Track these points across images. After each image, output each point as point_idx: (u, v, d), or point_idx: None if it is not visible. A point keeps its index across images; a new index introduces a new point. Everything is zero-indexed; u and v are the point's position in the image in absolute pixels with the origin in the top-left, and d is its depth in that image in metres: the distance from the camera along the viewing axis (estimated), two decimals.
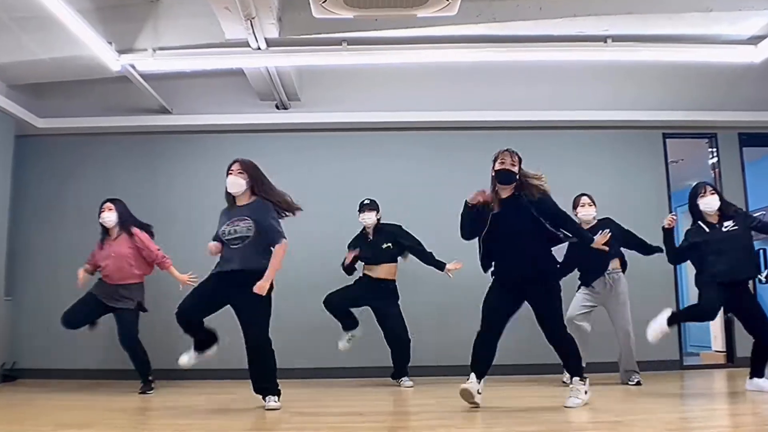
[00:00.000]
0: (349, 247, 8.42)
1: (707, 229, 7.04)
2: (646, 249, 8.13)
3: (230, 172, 6.49)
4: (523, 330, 6.67)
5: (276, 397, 6.22)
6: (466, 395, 6.03)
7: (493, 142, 7.71)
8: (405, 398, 7.33)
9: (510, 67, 9.10)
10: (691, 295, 13.12)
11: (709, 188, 7.13)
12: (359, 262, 8.44)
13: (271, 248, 6.40)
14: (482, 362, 6.26)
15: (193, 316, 6.41)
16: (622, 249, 8.13)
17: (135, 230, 8.11)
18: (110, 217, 8.07)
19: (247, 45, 7.77)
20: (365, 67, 8.91)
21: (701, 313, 6.95)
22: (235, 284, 6.28)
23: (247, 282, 6.21)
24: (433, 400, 6.96)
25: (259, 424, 5.65)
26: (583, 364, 6.37)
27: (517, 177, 6.32)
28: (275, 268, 6.35)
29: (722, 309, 7.11)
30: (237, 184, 6.43)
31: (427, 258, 8.34)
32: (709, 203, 7.03)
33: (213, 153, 9.56)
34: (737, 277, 6.83)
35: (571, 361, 6.32)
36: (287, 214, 6.61)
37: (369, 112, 9.70)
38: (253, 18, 7.10)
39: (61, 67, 8.52)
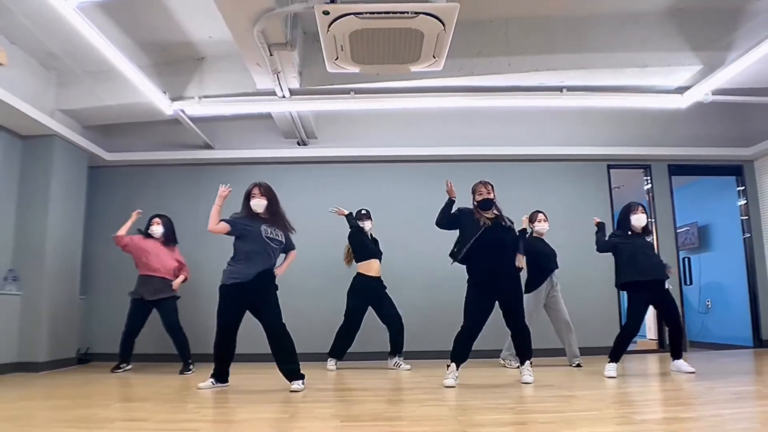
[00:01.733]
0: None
1: (631, 235, 7.16)
2: None
3: (253, 195, 6.42)
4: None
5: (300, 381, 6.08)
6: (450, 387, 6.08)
7: (475, 172, 7.80)
8: (399, 377, 7.29)
9: (486, 111, 9.28)
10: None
11: (640, 207, 7.17)
12: (355, 262, 8.28)
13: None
14: (465, 355, 6.33)
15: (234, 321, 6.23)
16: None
17: (176, 248, 8.39)
18: (158, 230, 8.20)
19: (274, 94, 7.83)
20: (370, 111, 9.08)
21: (630, 332, 6.96)
22: (266, 280, 6.27)
23: (272, 279, 6.34)
24: (423, 378, 6.93)
25: (284, 396, 5.62)
26: None
27: (494, 201, 6.56)
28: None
29: (646, 304, 7.07)
30: (261, 204, 6.37)
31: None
32: (639, 219, 7.10)
33: (246, 180, 9.40)
34: (657, 276, 6.91)
35: (527, 348, 6.45)
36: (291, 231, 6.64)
37: (373, 148, 9.70)
38: (279, 72, 7.15)
39: (125, 111, 8.56)
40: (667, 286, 7.03)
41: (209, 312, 6.47)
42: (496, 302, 6.39)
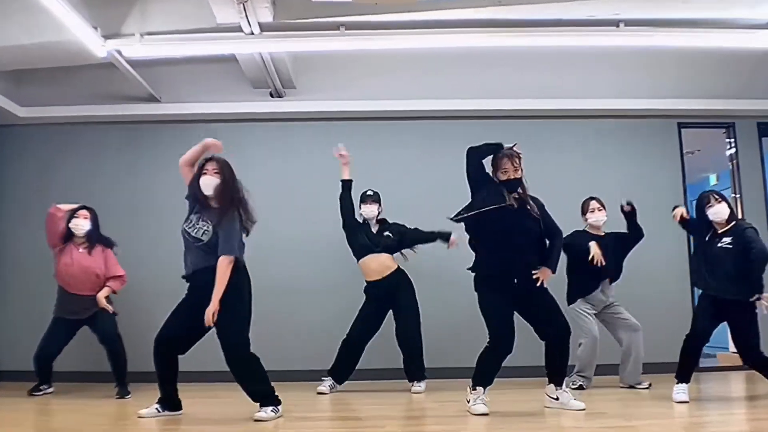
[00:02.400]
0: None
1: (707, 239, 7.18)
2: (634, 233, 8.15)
3: (205, 171, 6.31)
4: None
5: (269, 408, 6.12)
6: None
7: (497, 132, 7.73)
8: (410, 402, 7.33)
9: (515, 54, 9.14)
10: None
11: (713, 196, 7.16)
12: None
13: None
14: (493, 376, 6.31)
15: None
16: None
17: (107, 250, 8.24)
18: (84, 225, 8.13)
19: (240, 30, 7.77)
20: (364, 53, 8.96)
21: (695, 338, 7.07)
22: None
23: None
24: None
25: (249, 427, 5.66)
26: None
27: (522, 182, 6.43)
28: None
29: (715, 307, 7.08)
30: (209, 185, 6.28)
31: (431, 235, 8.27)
32: (718, 212, 7.07)
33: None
34: (725, 295, 6.88)
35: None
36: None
37: (367, 101, 9.69)
38: (245, 1, 7.11)
39: (43, 53, 8.47)
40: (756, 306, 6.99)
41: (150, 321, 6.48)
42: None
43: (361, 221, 8.29)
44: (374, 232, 8.30)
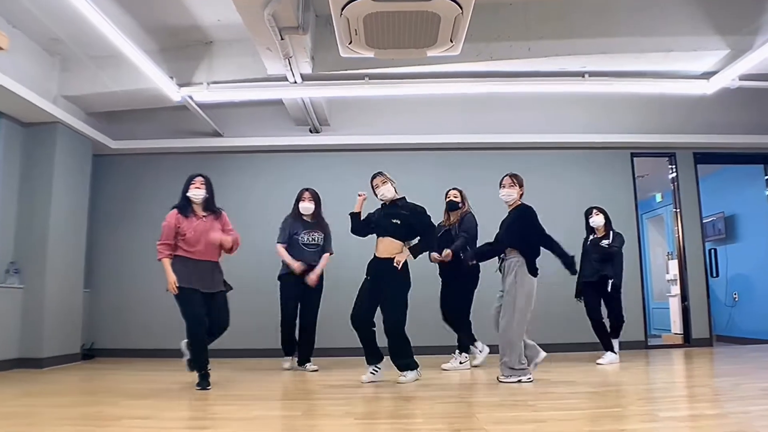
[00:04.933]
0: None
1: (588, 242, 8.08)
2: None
3: (303, 198, 7.62)
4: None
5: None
6: None
7: (493, 160, 7.80)
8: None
9: (504, 98, 9.19)
10: (653, 272, 13.17)
11: (595, 210, 8.05)
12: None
13: None
14: None
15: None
16: None
17: (224, 213, 6.53)
18: (200, 193, 6.35)
19: (286, 79, 7.81)
20: (385, 97, 9.05)
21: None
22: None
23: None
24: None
25: (296, 393, 5.60)
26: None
27: (459, 205, 7.58)
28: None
29: None
30: (309, 208, 7.45)
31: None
32: (596, 221, 7.99)
33: (257, 170, 9.66)
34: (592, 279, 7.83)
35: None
36: None
37: (388, 135, 9.65)
38: (290, 57, 7.12)
39: (130, 98, 8.55)
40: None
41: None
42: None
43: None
44: (384, 213, 6.69)
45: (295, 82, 7.87)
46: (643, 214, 12.48)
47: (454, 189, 7.84)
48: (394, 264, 6.24)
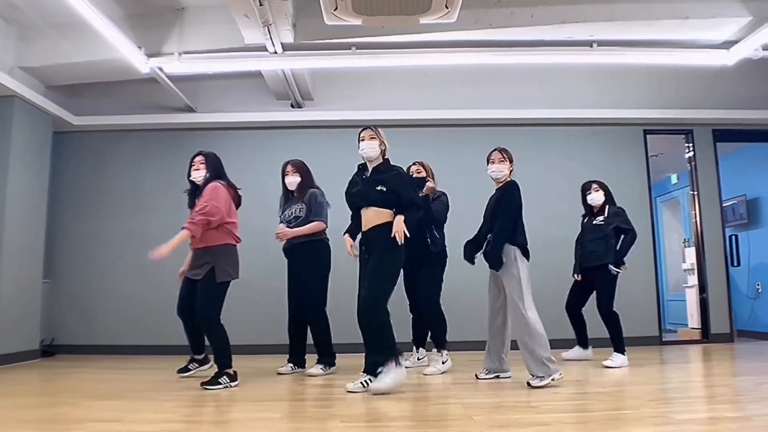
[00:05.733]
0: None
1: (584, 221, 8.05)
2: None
3: (286, 173, 7.33)
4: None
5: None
6: None
7: (487, 138, 7.77)
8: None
9: (504, 69, 9.21)
10: (668, 261, 13.19)
11: (594, 185, 7.89)
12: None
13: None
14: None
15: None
16: None
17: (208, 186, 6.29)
18: (199, 175, 6.46)
19: (265, 49, 7.76)
20: (373, 69, 9.01)
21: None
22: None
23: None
24: None
25: (277, 394, 5.61)
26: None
27: (426, 180, 7.27)
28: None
29: None
30: (294, 181, 7.27)
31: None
32: (594, 198, 7.83)
33: (233, 148, 9.57)
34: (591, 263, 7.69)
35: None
36: None
37: (376, 111, 9.59)
38: (270, 24, 7.08)
39: (94, 70, 8.51)
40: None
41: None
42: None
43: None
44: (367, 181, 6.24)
45: (276, 53, 7.83)
46: (657, 197, 12.53)
47: (415, 163, 7.48)
48: (392, 235, 5.71)
